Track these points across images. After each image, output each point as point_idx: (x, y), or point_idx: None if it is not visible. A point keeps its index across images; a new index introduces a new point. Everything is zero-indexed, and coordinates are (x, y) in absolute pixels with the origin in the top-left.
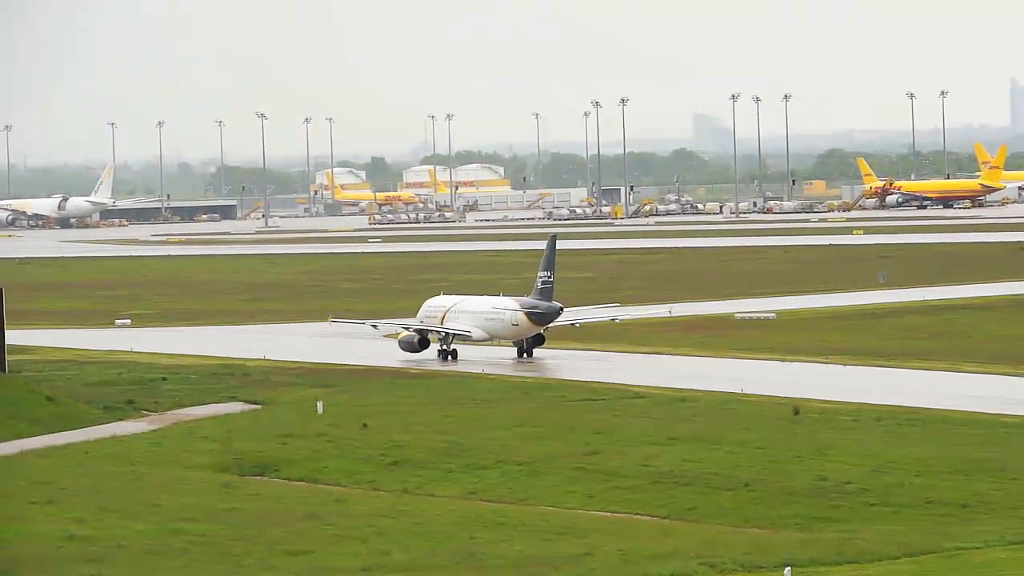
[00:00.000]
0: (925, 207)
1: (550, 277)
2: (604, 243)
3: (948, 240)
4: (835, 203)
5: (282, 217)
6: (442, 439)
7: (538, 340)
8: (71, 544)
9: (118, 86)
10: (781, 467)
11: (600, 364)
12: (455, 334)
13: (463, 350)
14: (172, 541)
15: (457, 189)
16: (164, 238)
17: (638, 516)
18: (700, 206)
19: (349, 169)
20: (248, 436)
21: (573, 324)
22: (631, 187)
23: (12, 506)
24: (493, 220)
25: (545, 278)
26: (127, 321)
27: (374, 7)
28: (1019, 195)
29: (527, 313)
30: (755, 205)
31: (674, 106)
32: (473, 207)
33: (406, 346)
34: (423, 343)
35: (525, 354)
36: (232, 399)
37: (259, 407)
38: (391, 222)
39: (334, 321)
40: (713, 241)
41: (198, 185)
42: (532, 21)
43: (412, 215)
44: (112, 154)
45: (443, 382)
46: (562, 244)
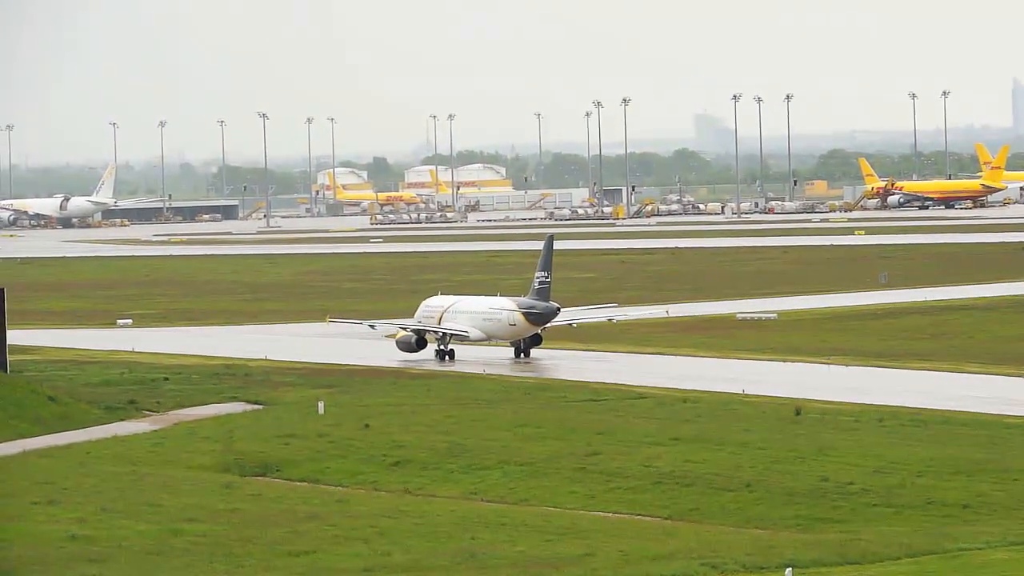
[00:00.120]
0: (927, 207)
1: (547, 277)
2: (605, 243)
3: (950, 240)
4: (837, 203)
5: (284, 217)
6: (444, 439)
7: (535, 340)
8: (73, 544)
9: (120, 86)
10: (783, 468)
11: (601, 364)
12: (453, 334)
13: (461, 350)
14: (174, 541)
15: (459, 189)
16: (166, 238)
17: (640, 517)
18: (702, 206)
19: (351, 169)
20: (250, 436)
21: (570, 324)
22: (633, 187)
23: (14, 506)
24: (495, 220)
25: (542, 278)
26: (129, 321)
27: (376, 7)
28: (1021, 195)
29: (524, 313)
30: (756, 205)
31: (676, 106)
32: (475, 207)
33: (404, 346)
34: (421, 343)
35: (523, 354)
36: (234, 399)
37: (261, 407)
38: (393, 222)
39: (332, 321)
40: (714, 241)
41: (200, 185)
42: (534, 21)
43: (414, 215)
44: (114, 154)
45: (444, 382)
46: (564, 244)
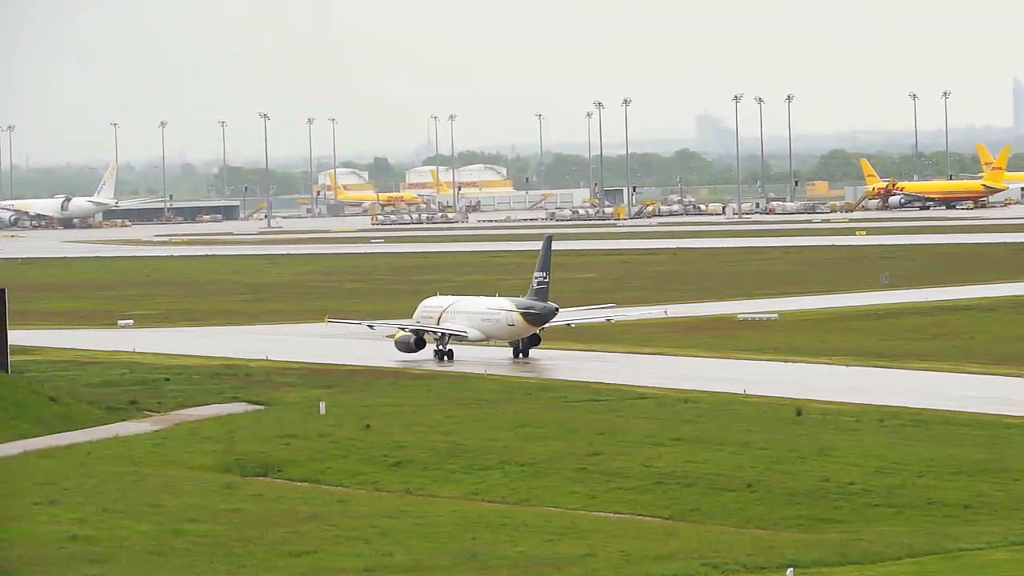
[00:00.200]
0: (928, 208)
1: (546, 278)
2: (607, 244)
3: (951, 241)
4: (838, 204)
5: (285, 218)
6: (445, 440)
7: (534, 340)
8: (74, 544)
9: (121, 86)
10: (784, 468)
11: (602, 365)
12: (451, 334)
13: (459, 351)
14: (175, 542)
15: (460, 190)
16: (167, 238)
17: (641, 517)
18: (703, 207)
19: (352, 170)
20: (251, 437)
21: (569, 324)
22: (634, 188)
23: (15, 506)
24: (496, 221)
25: (541, 278)
26: (130, 321)
27: (377, 7)
28: (1022, 196)
29: (523, 313)
30: (757, 206)
31: (677, 107)
32: (476, 208)
33: (402, 346)
34: (419, 343)
35: (521, 354)
36: (235, 399)
37: (262, 408)
38: (394, 223)
39: (331, 321)
40: (715, 242)
41: (201, 186)
42: (534, 21)
43: (415, 216)
44: (115, 154)
45: (445, 383)
46: (565, 245)
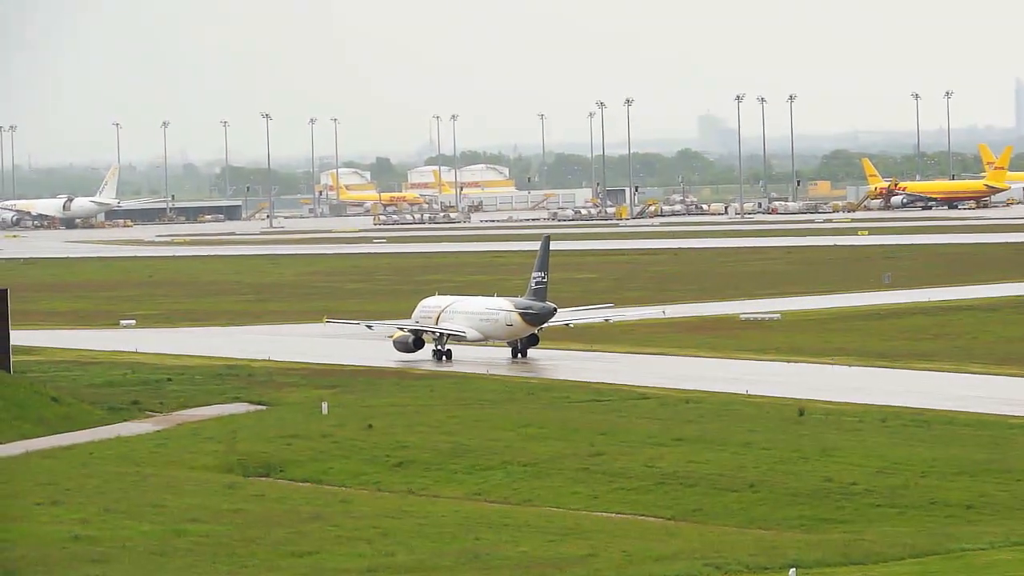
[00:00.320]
0: (930, 208)
1: (544, 278)
2: (609, 244)
3: (953, 241)
4: (840, 204)
5: (287, 218)
6: (447, 440)
7: (532, 340)
8: (76, 545)
9: (123, 87)
10: (786, 468)
11: (604, 365)
12: (450, 334)
13: (458, 350)
14: (177, 542)
15: (462, 190)
16: (169, 239)
17: (643, 517)
18: (705, 207)
19: (354, 170)
20: (253, 437)
21: (567, 325)
22: (636, 188)
23: (17, 507)
24: (498, 221)
25: (539, 279)
26: (132, 322)
27: (379, 8)
28: None
29: (521, 314)
30: (760, 206)
31: (679, 107)
32: (478, 208)
33: (401, 346)
34: (418, 343)
35: (519, 354)
36: (237, 400)
37: (264, 408)
38: (396, 223)
39: (330, 321)
40: (718, 242)
41: (203, 186)
42: (537, 22)
43: (417, 216)
44: (117, 154)
45: (447, 383)
46: (567, 245)
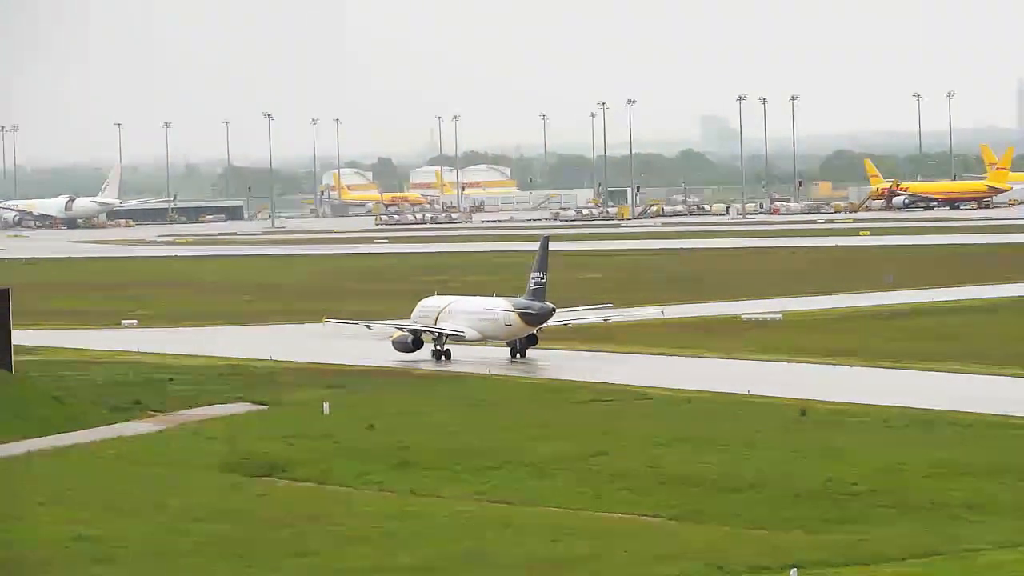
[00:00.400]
0: (932, 208)
1: (543, 278)
2: (611, 244)
3: (955, 241)
4: (842, 204)
5: (289, 218)
6: (449, 440)
7: (531, 340)
8: (78, 544)
9: (125, 87)
10: (788, 468)
11: (607, 365)
12: (449, 334)
13: (457, 350)
14: (179, 541)
15: (464, 190)
16: (171, 239)
17: (645, 517)
18: (707, 207)
19: (356, 170)
20: (255, 437)
21: (565, 325)
22: (638, 188)
23: (20, 506)
24: (500, 221)
25: (538, 279)
26: (134, 321)
27: (381, 8)
28: None
29: (520, 314)
30: (761, 206)
31: (681, 107)
32: (480, 208)
33: (400, 346)
34: (417, 343)
35: (518, 354)
36: (239, 400)
37: (266, 408)
38: (398, 223)
39: (328, 321)
40: (720, 242)
41: (205, 186)
42: (539, 22)
43: (419, 216)
44: (119, 155)
45: (450, 383)
46: (569, 245)
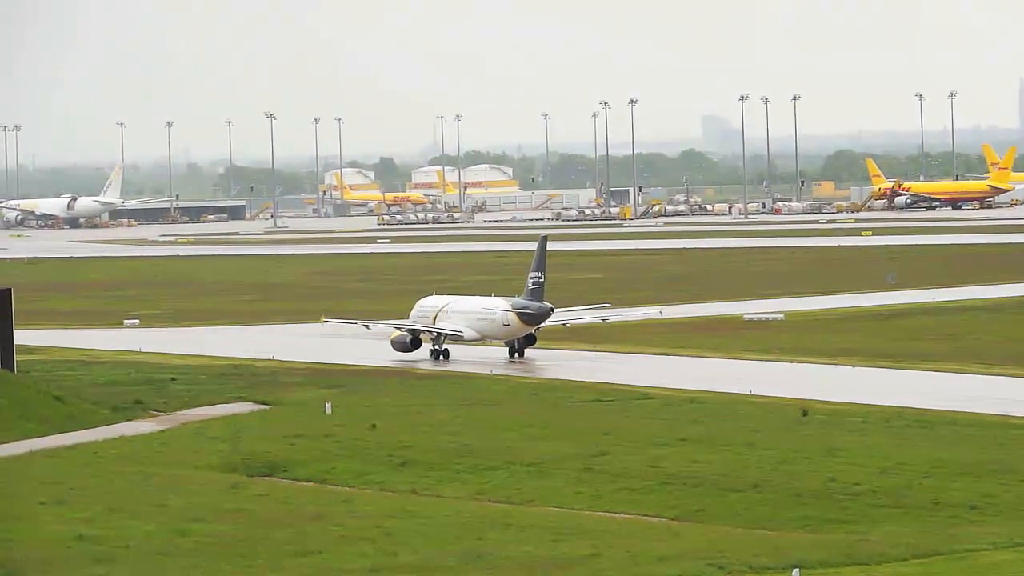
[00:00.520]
0: (934, 208)
1: (541, 278)
2: (612, 244)
3: (957, 242)
4: (844, 204)
5: (291, 217)
6: (450, 440)
7: (529, 340)
8: (80, 544)
9: (127, 86)
10: (790, 468)
11: (608, 365)
12: (447, 334)
13: (455, 350)
14: (180, 541)
15: (466, 190)
16: (173, 238)
17: (646, 517)
18: (709, 207)
19: (358, 170)
20: (256, 436)
21: (564, 324)
22: (640, 188)
23: (21, 506)
24: (501, 221)
25: (536, 279)
26: (136, 321)
27: (383, 8)
28: None
29: (518, 313)
30: (764, 206)
31: (683, 107)
32: (482, 208)
33: (398, 346)
34: (415, 343)
35: (517, 354)
36: (240, 399)
37: (267, 407)
38: (400, 223)
39: (327, 321)
40: (721, 242)
41: (206, 186)
42: (541, 22)
43: (420, 216)
44: (121, 154)
45: (451, 383)
46: (571, 245)
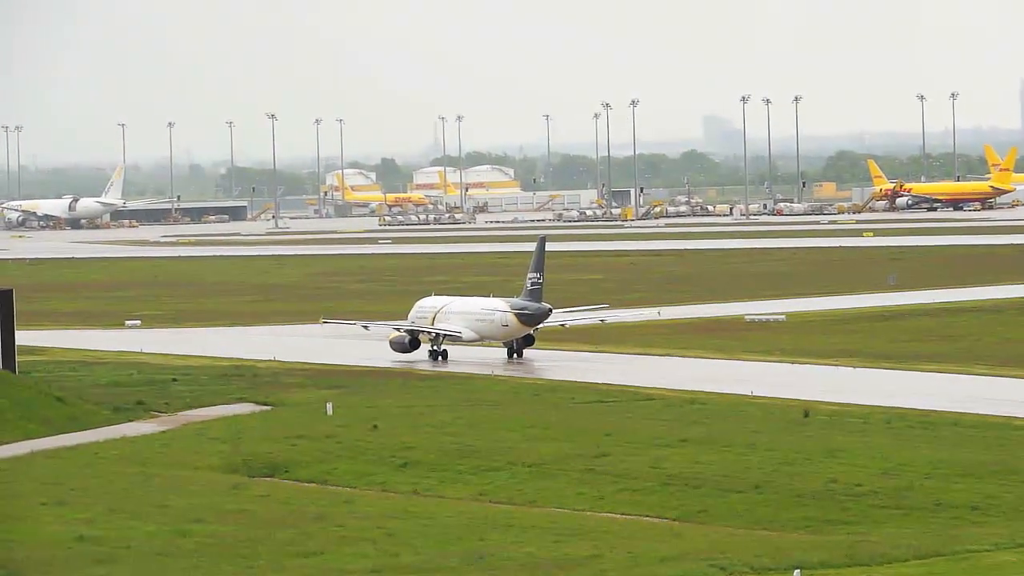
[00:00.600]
0: (935, 209)
1: (539, 278)
2: (614, 245)
3: (958, 242)
4: (845, 205)
5: (292, 218)
6: (452, 440)
7: (528, 341)
8: (81, 545)
9: (128, 87)
10: (791, 469)
11: (609, 366)
12: (446, 335)
13: (454, 351)
14: (182, 542)
15: (467, 191)
16: (174, 239)
17: (648, 518)
18: (710, 208)
19: (359, 170)
20: (258, 437)
21: (562, 325)
22: (641, 189)
23: (22, 506)
24: (503, 222)
25: (535, 279)
26: (137, 322)
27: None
28: None
29: (517, 314)
30: (765, 207)
31: (684, 108)
32: (483, 209)
33: (397, 346)
34: (414, 343)
35: (515, 355)
36: (242, 400)
37: (269, 408)
38: (401, 223)
39: (326, 322)
40: (723, 243)
41: (208, 186)
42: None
43: (422, 217)
44: (122, 155)
45: (452, 384)
46: (572, 246)
